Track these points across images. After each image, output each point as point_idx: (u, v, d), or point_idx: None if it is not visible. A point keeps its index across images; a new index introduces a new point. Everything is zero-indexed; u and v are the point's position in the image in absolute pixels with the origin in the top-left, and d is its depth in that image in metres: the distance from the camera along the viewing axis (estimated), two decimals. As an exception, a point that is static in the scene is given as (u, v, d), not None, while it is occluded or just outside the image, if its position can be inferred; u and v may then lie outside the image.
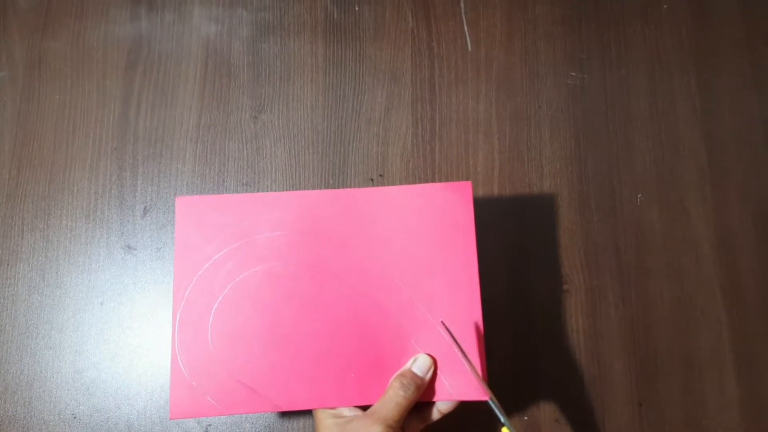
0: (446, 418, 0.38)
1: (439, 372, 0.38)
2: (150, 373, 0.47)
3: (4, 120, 0.52)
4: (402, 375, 0.37)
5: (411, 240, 0.39)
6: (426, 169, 0.52)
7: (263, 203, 0.39)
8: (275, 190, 0.51)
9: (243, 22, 0.55)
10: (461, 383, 0.37)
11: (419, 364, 0.38)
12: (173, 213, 0.51)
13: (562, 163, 0.52)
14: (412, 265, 0.38)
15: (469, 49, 0.55)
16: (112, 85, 0.53)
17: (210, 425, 0.46)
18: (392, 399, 0.36)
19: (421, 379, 0.37)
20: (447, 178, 0.51)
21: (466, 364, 0.36)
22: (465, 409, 0.39)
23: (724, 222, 0.51)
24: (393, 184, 0.51)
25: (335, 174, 0.51)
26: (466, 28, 0.55)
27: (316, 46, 0.54)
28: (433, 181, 0.51)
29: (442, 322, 0.37)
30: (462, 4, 0.56)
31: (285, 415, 0.46)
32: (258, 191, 0.51)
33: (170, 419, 0.37)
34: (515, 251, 0.50)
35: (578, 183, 0.52)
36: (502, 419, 0.34)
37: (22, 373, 0.47)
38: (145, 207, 0.51)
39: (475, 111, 0.53)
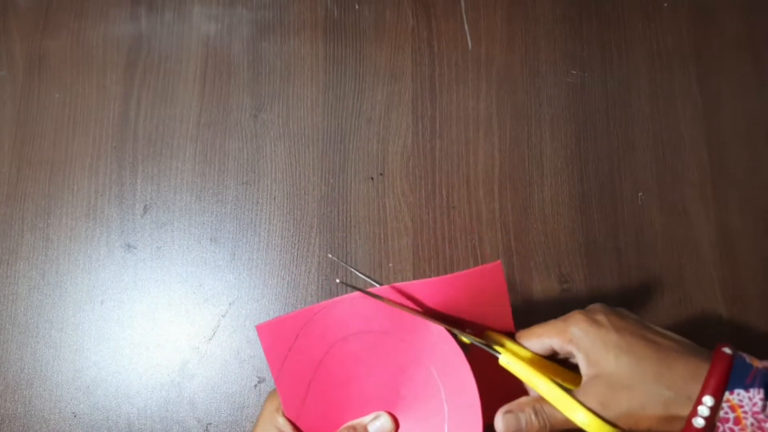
0: None
1: None
2: (150, 372, 0.47)
3: (3, 119, 0.52)
4: (353, 427, 0.34)
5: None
6: (426, 167, 0.52)
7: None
8: (276, 189, 0.51)
9: (243, 20, 0.55)
10: None
11: (378, 426, 0.35)
12: (173, 211, 0.51)
13: (562, 161, 0.52)
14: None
15: (470, 47, 0.55)
16: (112, 84, 0.53)
17: (210, 424, 0.46)
18: None
19: None
20: (447, 177, 0.51)
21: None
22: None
23: (724, 221, 0.51)
24: (393, 182, 0.51)
25: (335, 173, 0.51)
26: (466, 27, 0.55)
27: (316, 44, 0.54)
28: (433, 180, 0.51)
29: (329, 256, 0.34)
30: (462, 3, 0.56)
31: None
32: (258, 190, 0.51)
33: (256, 326, 0.35)
34: (516, 249, 0.50)
35: (579, 181, 0.52)
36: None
37: (23, 372, 0.47)
38: (145, 206, 0.51)
39: (476, 109, 0.53)
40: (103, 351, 0.47)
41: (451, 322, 0.36)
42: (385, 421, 0.35)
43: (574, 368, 0.34)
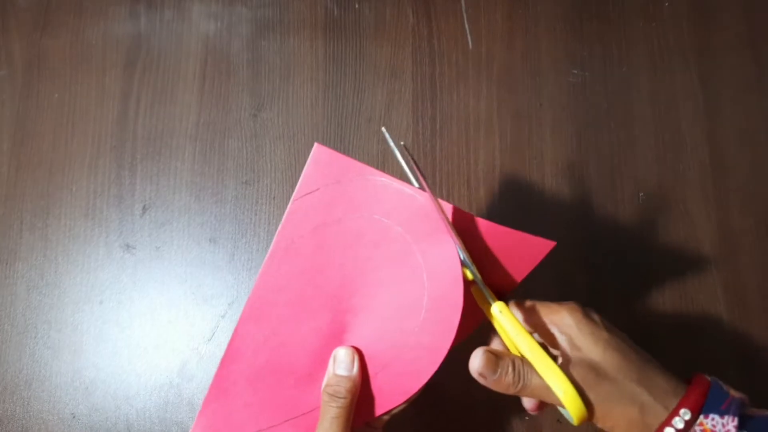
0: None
1: (375, 382, 0.34)
2: (149, 373, 0.47)
3: (2, 119, 0.52)
4: (327, 384, 0.33)
5: None
6: (427, 167, 0.51)
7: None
8: (275, 189, 0.51)
9: (243, 19, 0.55)
10: (401, 380, 0.34)
11: (340, 362, 0.34)
12: (172, 212, 0.50)
13: (563, 161, 0.52)
14: None
15: (470, 46, 0.55)
16: (111, 84, 0.53)
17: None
18: (326, 416, 0.32)
19: (348, 378, 0.33)
20: (448, 177, 0.51)
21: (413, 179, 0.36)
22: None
23: (725, 221, 0.51)
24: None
25: (335, 172, 0.51)
26: (466, 26, 0.55)
27: (316, 43, 0.54)
28: (433, 179, 0.51)
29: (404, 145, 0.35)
30: (463, 2, 0.56)
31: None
32: (258, 190, 0.51)
33: (316, 143, 0.36)
34: (516, 250, 0.50)
35: (579, 181, 0.52)
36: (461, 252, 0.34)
37: (21, 373, 0.47)
38: (144, 206, 0.50)
39: (476, 109, 0.53)
40: (102, 352, 0.47)
41: (473, 258, 0.36)
42: (342, 354, 0.34)
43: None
